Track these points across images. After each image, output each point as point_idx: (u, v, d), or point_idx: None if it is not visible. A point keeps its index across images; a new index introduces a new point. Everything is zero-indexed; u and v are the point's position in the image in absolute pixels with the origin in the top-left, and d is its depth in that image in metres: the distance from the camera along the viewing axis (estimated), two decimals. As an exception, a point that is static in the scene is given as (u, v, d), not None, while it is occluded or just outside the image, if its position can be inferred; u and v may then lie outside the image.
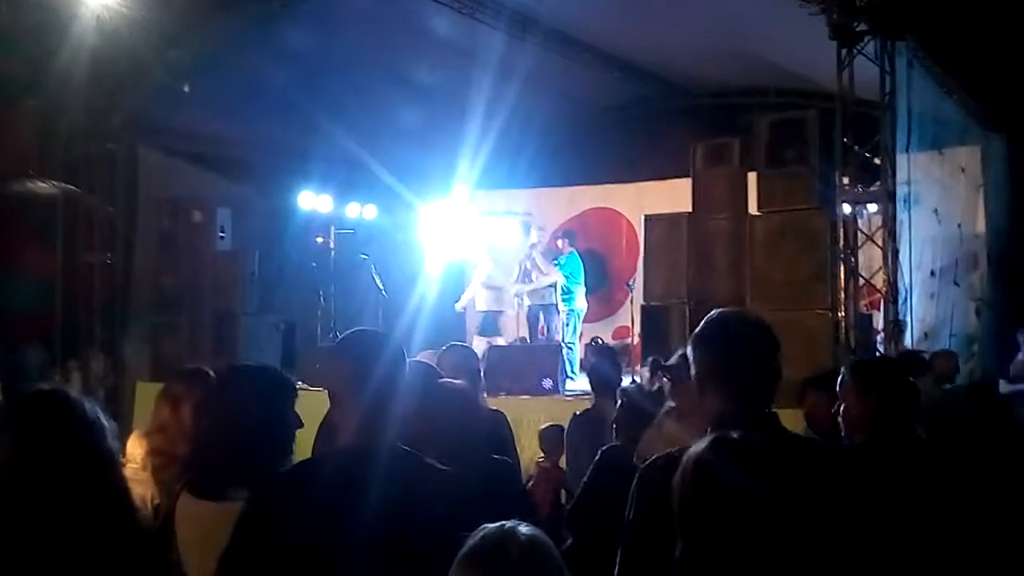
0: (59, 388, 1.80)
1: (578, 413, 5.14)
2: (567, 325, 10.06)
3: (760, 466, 1.77)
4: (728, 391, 2.08)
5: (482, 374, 4.51)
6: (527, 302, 10.27)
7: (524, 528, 1.63)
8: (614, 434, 3.99)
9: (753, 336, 2.12)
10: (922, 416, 3.05)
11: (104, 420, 1.77)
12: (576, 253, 10.27)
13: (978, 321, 9.51)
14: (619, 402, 4.11)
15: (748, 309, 2.39)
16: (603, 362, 5.07)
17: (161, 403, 3.48)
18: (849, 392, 2.90)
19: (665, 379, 2.99)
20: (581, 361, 9.84)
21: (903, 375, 2.99)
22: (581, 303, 10.26)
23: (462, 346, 4.51)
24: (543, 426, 5.98)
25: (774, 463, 1.79)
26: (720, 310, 2.22)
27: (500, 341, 10.08)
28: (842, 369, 3.11)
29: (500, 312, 10.47)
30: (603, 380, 4.97)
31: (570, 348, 9.75)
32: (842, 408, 2.91)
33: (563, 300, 10.09)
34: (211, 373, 3.39)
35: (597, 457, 3.80)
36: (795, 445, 2.12)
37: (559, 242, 10.37)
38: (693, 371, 2.14)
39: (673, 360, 3.43)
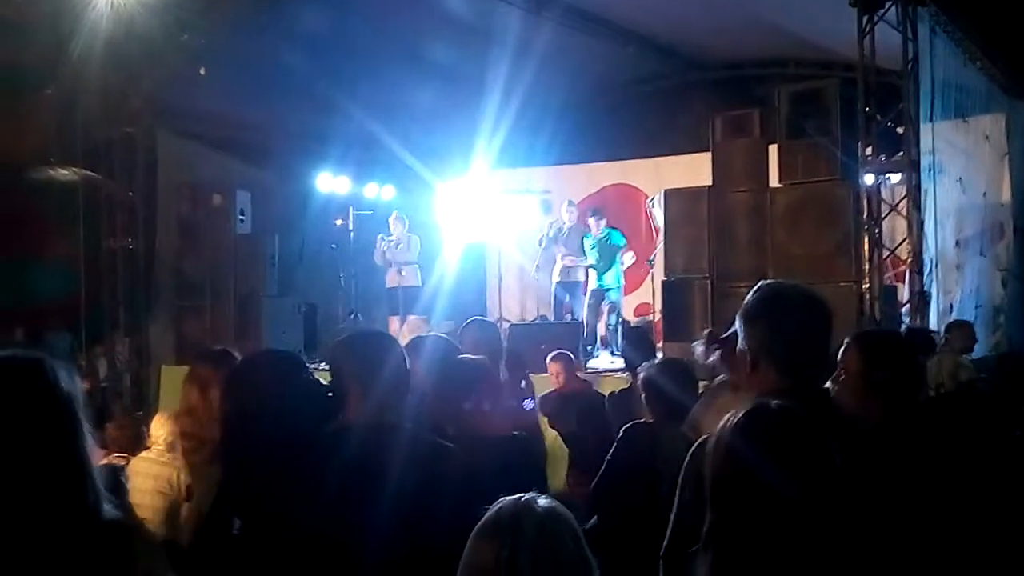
0: (33, 354, 1.68)
1: (616, 392, 5.14)
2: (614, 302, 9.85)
3: (795, 439, 1.72)
4: (781, 366, 2.04)
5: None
6: (556, 279, 10.19)
7: (542, 501, 1.61)
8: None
9: (809, 311, 2.08)
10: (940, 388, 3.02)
11: (77, 392, 1.68)
12: (613, 229, 10.10)
13: (1004, 292, 9.40)
14: (641, 381, 4.09)
15: (802, 284, 2.33)
16: (633, 345, 5.05)
17: (189, 386, 3.48)
18: (852, 362, 2.83)
19: (718, 352, 2.97)
20: (602, 338, 9.78)
21: (907, 349, 2.92)
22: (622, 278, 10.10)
23: (484, 321, 4.48)
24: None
25: (811, 436, 1.74)
26: (772, 282, 2.19)
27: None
28: (846, 340, 3.07)
29: None
30: (633, 363, 4.94)
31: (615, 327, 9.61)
32: (841, 377, 2.86)
33: (607, 277, 9.89)
34: (237, 355, 3.41)
35: (619, 435, 3.78)
36: (841, 422, 2.07)
37: (590, 220, 10.14)
38: (744, 345, 2.10)
39: (729, 332, 3.40)
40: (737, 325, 2.14)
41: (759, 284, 2.21)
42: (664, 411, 3.75)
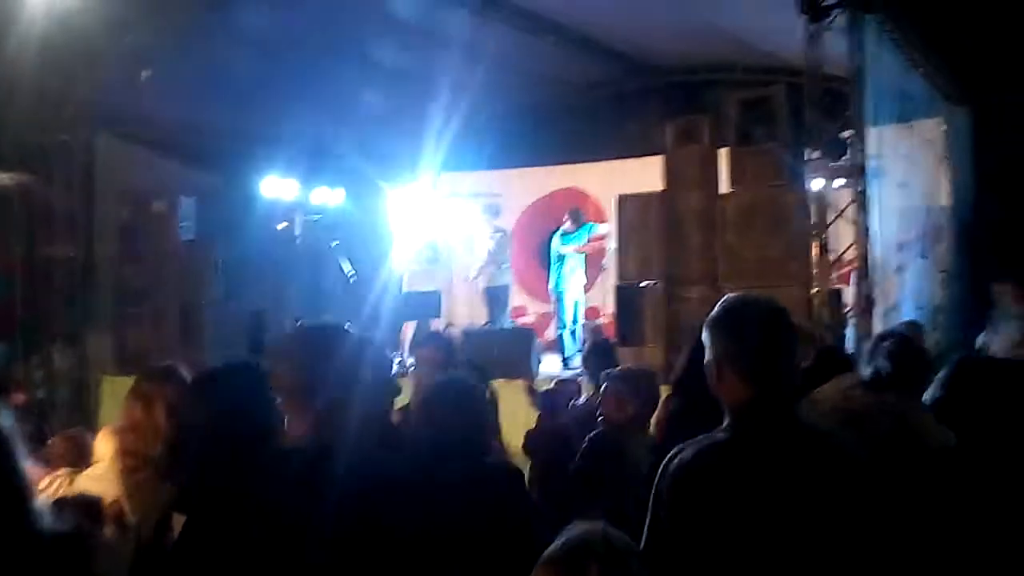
0: None
1: (577, 404, 5.12)
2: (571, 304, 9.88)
3: (742, 479, 1.84)
4: (745, 376, 2.07)
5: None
6: (483, 284, 10.18)
7: (609, 531, 1.60)
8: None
9: (770, 321, 2.12)
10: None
11: (15, 438, 1.69)
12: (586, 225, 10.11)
13: (944, 293, 9.61)
14: (602, 388, 4.09)
15: (764, 295, 2.36)
16: (598, 357, 5.04)
17: (132, 401, 3.36)
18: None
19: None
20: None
21: None
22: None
23: (439, 335, 4.44)
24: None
25: (762, 475, 1.85)
26: (736, 294, 2.23)
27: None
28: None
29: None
30: (596, 375, 4.93)
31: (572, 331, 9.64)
32: None
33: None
34: (184, 371, 3.30)
35: (585, 444, 3.78)
36: (806, 440, 2.08)
37: (567, 224, 10.14)
38: (709, 356, 2.13)
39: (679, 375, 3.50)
40: (703, 336, 2.18)
41: (724, 296, 2.24)
42: (628, 418, 3.80)
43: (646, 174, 9.28)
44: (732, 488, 1.98)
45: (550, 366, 9.19)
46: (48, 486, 4.91)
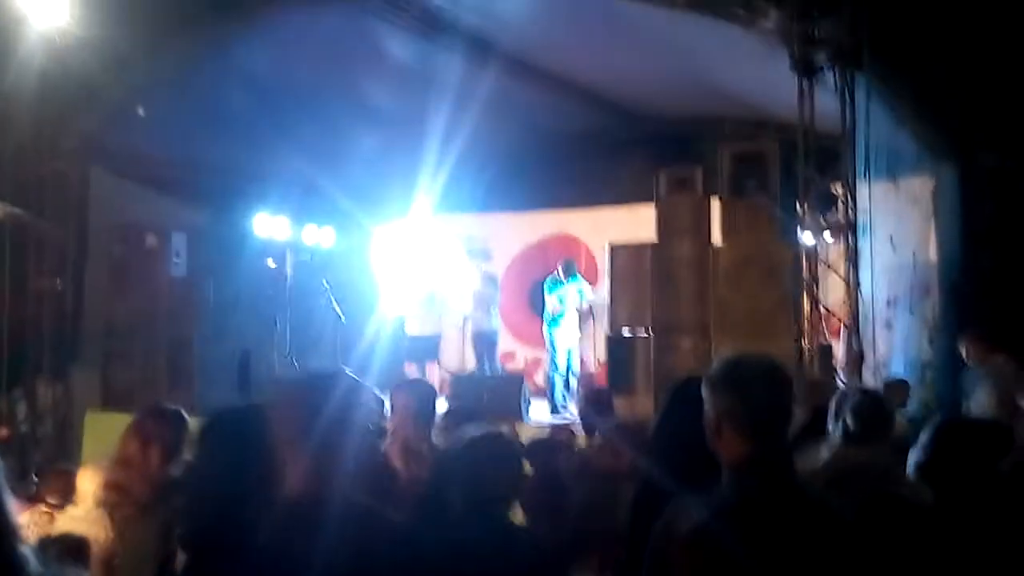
0: None
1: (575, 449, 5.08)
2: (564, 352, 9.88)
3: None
4: (744, 434, 2.10)
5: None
6: (472, 329, 10.18)
7: None
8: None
9: (770, 379, 2.16)
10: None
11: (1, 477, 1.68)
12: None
13: (931, 349, 9.67)
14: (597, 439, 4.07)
15: (762, 352, 2.40)
16: (594, 408, 5.02)
17: (130, 438, 3.36)
18: None
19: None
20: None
21: None
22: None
23: (418, 382, 4.39)
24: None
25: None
26: (736, 353, 2.26)
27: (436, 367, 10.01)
28: None
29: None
30: (592, 426, 4.91)
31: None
32: None
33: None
34: (183, 414, 3.29)
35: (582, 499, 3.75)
36: (800, 504, 2.11)
37: (560, 273, 10.10)
38: (707, 412, 2.16)
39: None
40: (703, 393, 2.20)
41: (723, 355, 2.28)
42: (624, 471, 3.79)
43: (636, 222, 9.36)
44: (740, 553, 2.00)
45: (540, 412, 9.16)
46: (29, 523, 4.85)
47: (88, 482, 4.43)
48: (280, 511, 2.12)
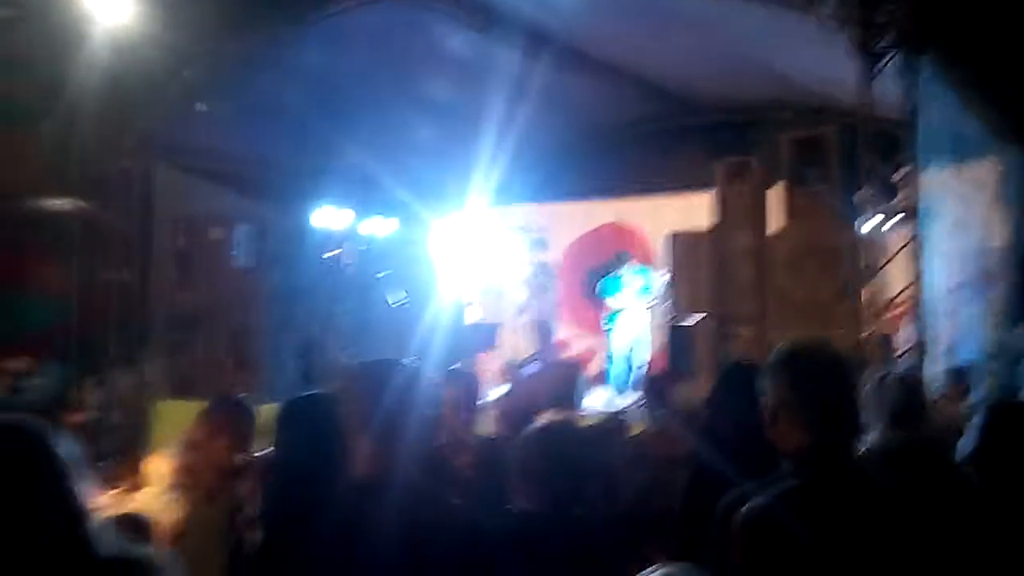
0: (25, 423, 1.83)
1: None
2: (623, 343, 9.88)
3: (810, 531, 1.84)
4: (803, 424, 2.07)
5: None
6: (528, 317, 10.21)
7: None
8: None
9: (830, 369, 2.12)
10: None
11: (75, 459, 1.79)
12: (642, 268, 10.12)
13: (996, 338, 9.44)
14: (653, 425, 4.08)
15: (823, 340, 2.38)
16: (655, 396, 5.03)
17: (201, 424, 3.49)
18: None
19: None
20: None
21: None
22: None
23: (462, 373, 4.43)
24: None
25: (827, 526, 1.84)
26: (794, 341, 2.22)
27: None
28: None
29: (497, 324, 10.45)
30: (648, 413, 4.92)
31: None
32: None
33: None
34: (250, 405, 3.40)
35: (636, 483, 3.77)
36: (864, 483, 2.09)
37: (619, 268, 10.13)
38: (766, 400, 2.13)
39: None
40: (761, 382, 2.18)
41: (783, 343, 2.24)
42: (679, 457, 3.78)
43: (692, 210, 9.30)
44: (802, 538, 1.98)
45: (596, 400, 9.19)
46: (103, 505, 5.04)
47: (158, 467, 4.60)
48: (349, 492, 2.21)
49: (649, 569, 1.65)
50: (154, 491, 4.56)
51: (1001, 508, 2.44)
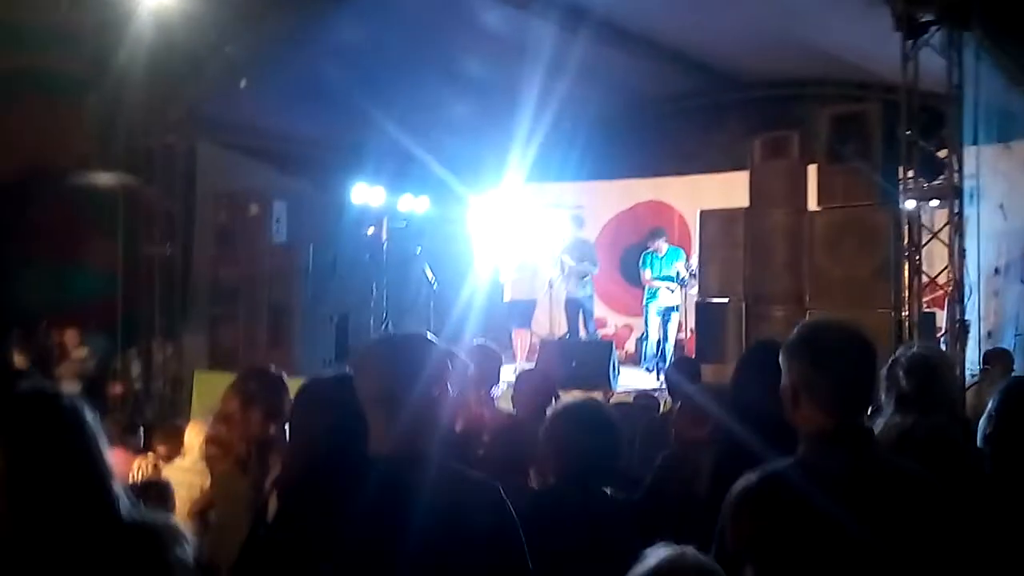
0: (46, 389, 1.89)
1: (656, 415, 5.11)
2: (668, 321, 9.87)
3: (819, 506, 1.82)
4: (822, 403, 2.02)
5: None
6: (564, 295, 10.21)
7: (700, 561, 1.63)
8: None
9: (851, 348, 2.06)
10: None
11: (95, 423, 1.84)
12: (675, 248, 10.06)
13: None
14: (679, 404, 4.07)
15: (845, 319, 2.32)
16: (682, 372, 5.02)
17: (232, 396, 3.49)
18: None
19: None
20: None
21: None
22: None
23: (482, 346, 4.42)
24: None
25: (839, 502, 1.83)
26: (816, 319, 2.19)
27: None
28: None
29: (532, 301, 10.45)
30: (674, 393, 4.92)
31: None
32: None
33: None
34: (284, 377, 3.44)
35: (659, 462, 3.77)
36: (883, 464, 2.06)
37: (656, 244, 10.02)
38: (785, 381, 2.08)
39: None
40: (781, 360, 2.13)
41: (802, 321, 2.21)
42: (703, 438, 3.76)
43: (731, 189, 9.19)
44: (795, 516, 1.95)
45: (630, 379, 9.18)
46: (137, 470, 5.17)
47: (195, 436, 4.71)
48: (369, 468, 2.17)
49: (649, 549, 1.65)
50: (190, 460, 4.68)
51: (1013, 492, 2.39)
